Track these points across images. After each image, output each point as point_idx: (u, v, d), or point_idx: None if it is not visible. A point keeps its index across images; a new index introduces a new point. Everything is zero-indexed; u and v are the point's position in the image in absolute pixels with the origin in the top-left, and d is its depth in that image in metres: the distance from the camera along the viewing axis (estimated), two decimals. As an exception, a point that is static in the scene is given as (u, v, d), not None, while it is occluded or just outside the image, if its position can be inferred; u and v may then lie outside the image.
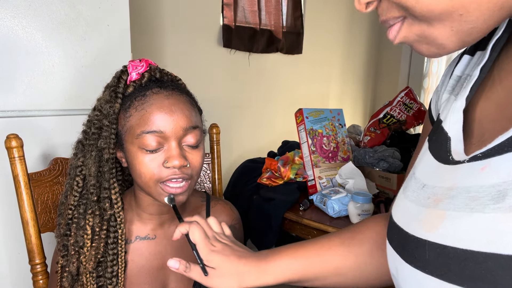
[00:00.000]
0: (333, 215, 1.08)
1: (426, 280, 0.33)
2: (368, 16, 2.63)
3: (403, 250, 0.38)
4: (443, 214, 0.32)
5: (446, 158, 0.37)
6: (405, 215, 0.40)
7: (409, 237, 0.37)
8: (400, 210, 0.42)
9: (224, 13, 1.99)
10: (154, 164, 0.66)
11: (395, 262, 0.40)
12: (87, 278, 0.71)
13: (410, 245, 0.36)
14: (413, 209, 0.38)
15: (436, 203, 0.34)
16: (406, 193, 0.42)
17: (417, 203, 0.38)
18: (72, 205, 0.73)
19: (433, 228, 0.33)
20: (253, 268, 0.56)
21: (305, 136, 1.21)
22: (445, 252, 0.31)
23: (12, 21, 1.02)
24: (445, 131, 0.39)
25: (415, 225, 0.36)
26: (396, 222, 0.41)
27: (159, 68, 0.73)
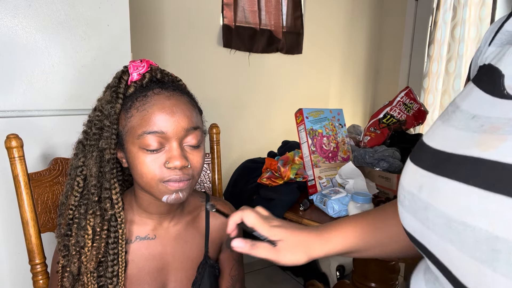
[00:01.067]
0: (333, 215, 1.08)
1: (465, 190, 0.33)
2: (368, 16, 2.63)
3: (438, 167, 0.37)
4: (504, 138, 0.32)
5: (501, 93, 0.37)
6: (448, 140, 0.39)
7: (454, 156, 0.36)
8: (439, 136, 0.41)
9: (224, 13, 1.99)
10: (155, 165, 0.66)
11: (421, 180, 0.39)
12: (88, 278, 0.71)
13: (452, 162, 0.36)
14: (461, 135, 0.37)
15: (494, 130, 0.34)
16: (450, 122, 0.41)
17: (468, 130, 0.37)
18: (72, 205, 0.73)
19: (491, 148, 0.32)
20: (316, 238, 0.58)
21: (305, 136, 1.21)
22: (502, 168, 0.30)
23: (12, 21, 1.02)
24: (499, 70, 0.39)
25: (465, 146, 0.35)
26: (431, 146, 0.41)
27: (160, 69, 0.73)
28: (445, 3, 2.18)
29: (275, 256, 0.57)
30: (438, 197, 0.36)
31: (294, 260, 0.57)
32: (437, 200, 0.36)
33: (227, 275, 0.88)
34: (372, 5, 2.63)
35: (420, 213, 0.38)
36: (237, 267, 0.89)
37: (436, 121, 0.45)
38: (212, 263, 0.83)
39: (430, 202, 0.37)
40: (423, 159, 0.41)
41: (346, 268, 2.14)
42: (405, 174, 0.44)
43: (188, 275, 0.80)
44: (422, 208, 0.38)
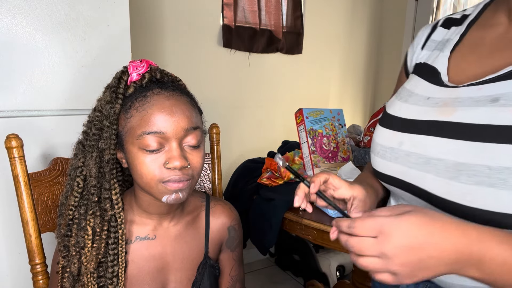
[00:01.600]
0: (333, 215, 1.08)
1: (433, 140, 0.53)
2: (368, 17, 2.63)
3: (410, 129, 0.57)
4: (454, 109, 0.53)
5: (442, 83, 0.59)
6: (411, 112, 0.59)
7: (421, 121, 0.56)
8: (405, 110, 0.60)
9: (224, 13, 1.99)
10: (155, 165, 0.66)
11: (401, 138, 0.59)
12: (88, 278, 0.71)
13: (420, 125, 0.56)
14: (420, 110, 0.58)
15: (445, 105, 0.54)
16: (410, 101, 0.61)
17: (427, 106, 0.57)
18: (72, 205, 0.73)
19: (448, 115, 0.53)
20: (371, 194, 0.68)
21: (305, 136, 1.21)
22: (458, 125, 0.51)
23: (12, 21, 1.02)
24: (435, 68, 0.62)
25: (431, 115, 0.55)
26: (400, 116, 0.60)
27: (159, 69, 0.73)
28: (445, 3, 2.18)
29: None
30: (419, 147, 0.55)
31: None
32: (418, 149, 0.56)
33: (227, 275, 0.88)
34: (372, 5, 2.63)
35: (401, 159, 0.58)
36: (237, 267, 0.89)
37: (395, 100, 0.65)
38: (212, 263, 0.83)
39: (412, 151, 0.56)
40: (396, 125, 0.61)
41: (346, 268, 2.14)
42: (380, 135, 0.64)
43: (188, 275, 0.80)
44: (404, 155, 0.57)
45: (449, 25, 0.67)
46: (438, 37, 0.68)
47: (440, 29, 0.68)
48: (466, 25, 0.63)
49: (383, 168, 0.62)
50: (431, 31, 0.70)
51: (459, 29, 0.64)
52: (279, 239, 2.31)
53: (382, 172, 0.63)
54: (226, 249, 0.87)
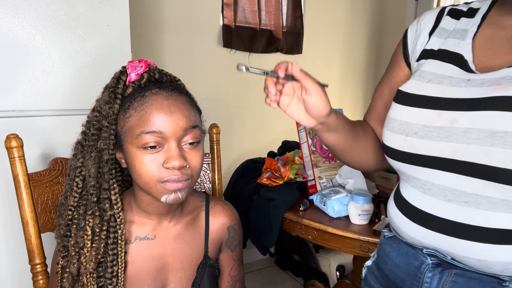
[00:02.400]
0: (333, 215, 1.08)
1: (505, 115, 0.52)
2: (368, 16, 2.63)
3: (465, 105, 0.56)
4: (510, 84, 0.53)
5: (470, 70, 0.59)
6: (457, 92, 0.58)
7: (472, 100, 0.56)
8: (441, 90, 0.60)
9: (224, 13, 1.99)
10: (154, 165, 0.66)
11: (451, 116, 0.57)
12: (87, 278, 0.71)
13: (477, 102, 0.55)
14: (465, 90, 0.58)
15: (496, 83, 0.55)
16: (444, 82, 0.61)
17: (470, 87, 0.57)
18: (72, 206, 0.73)
19: (505, 90, 0.53)
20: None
21: (305, 136, 1.21)
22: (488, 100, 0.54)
23: (12, 21, 1.02)
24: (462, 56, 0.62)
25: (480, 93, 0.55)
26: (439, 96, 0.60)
27: (158, 69, 0.73)
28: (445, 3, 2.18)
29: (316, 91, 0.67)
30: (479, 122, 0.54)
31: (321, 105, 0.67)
32: (479, 124, 0.54)
33: (227, 275, 0.88)
34: (372, 5, 2.63)
35: (456, 136, 0.56)
36: (237, 267, 0.89)
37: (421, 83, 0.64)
38: (211, 263, 0.83)
39: (471, 127, 0.55)
40: (441, 105, 0.60)
41: (346, 268, 2.14)
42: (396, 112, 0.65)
43: (188, 275, 0.80)
44: (460, 133, 0.56)
45: (457, 16, 0.67)
46: (448, 26, 0.67)
47: (448, 18, 0.68)
48: (480, 18, 0.64)
49: (425, 149, 0.60)
50: (438, 18, 0.70)
51: (473, 21, 0.64)
52: (279, 239, 2.30)
53: (421, 154, 0.60)
54: (226, 249, 0.87)
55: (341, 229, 1.01)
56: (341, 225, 1.03)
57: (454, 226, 0.58)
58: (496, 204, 0.54)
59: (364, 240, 0.98)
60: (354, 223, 1.04)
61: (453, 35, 0.65)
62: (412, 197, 0.64)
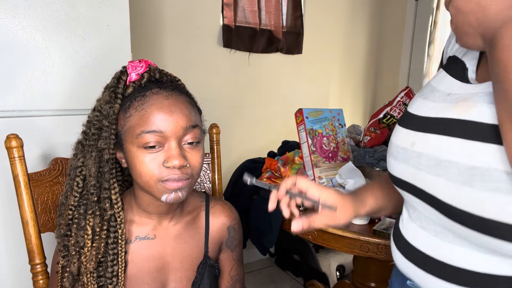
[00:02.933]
0: (333, 215, 1.08)
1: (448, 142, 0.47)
2: (368, 16, 2.63)
3: (425, 129, 0.52)
4: (473, 105, 0.47)
5: (466, 80, 0.52)
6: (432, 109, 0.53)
7: (436, 119, 0.51)
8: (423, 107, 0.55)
9: (224, 13, 1.99)
10: (154, 164, 0.66)
11: (413, 138, 0.54)
12: (87, 278, 0.71)
13: (435, 123, 0.50)
14: (438, 106, 0.52)
15: (464, 101, 0.48)
16: (430, 98, 0.55)
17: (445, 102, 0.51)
18: (72, 205, 0.73)
19: (464, 111, 0.47)
20: (356, 200, 0.68)
21: (305, 136, 1.21)
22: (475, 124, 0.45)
23: (12, 21, 1.02)
24: (464, 64, 0.54)
25: (446, 111, 0.50)
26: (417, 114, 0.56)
27: (158, 69, 0.73)
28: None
29: (332, 220, 0.64)
30: (428, 147, 0.50)
31: (347, 219, 0.65)
32: (429, 149, 0.50)
33: (227, 275, 0.88)
34: (372, 5, 2.63)
35: (413, 160, 0.53)
36: (237, 267, 0.89)
37: (417, 98, 0.59)
38: (211, 263, 0.83)
39: (423, 152, 0.51)
40: (412, 123, 0.55)
41: (346, 268, 2.14)
42: (397, 135, 0.59)
43: (188, 275, 0.80)
44: (415, 157, 0.52)
45: None
46: None
47: None
48: None
49: (395, 170, 0.58)
50: None
51: None
52: (279, 239, 2.30)
53: (393, 175, 0.59)
54: (226, 249, 0.87)
55: (341, 229, 1.01)
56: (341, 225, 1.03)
57: (423, 257, 0.54)
58: (458, 239, 0.49)
59: (364, 240, 0.98)
60: (354, 223, 1.04)
61: None
62: (401, 221, 0.62)
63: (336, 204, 0.63)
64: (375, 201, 0.70)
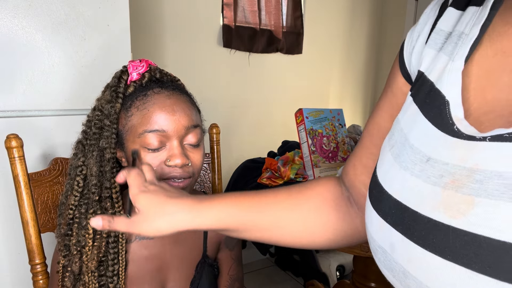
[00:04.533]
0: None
1: (446, 266, 0.30)
2: (368, 16, 2.63)
3: (408, 230, 0.34)
4: (472, 200, 0.29)
5: (450, 129, 0.33)
6: (409, 192, 0.35)
7: (421, 218, 0.33)
8: (398, 183, 0.37)
9: (224, 13, 1.99)
10: (156, 163, 0.67)
11: (391, 239, 0.36)
12: (89, 277, 0.71)
13: (421, 227, 0.32)
14: (421, 187, 0.34)
15: (457, 186, 0.30)
16: (402, 163, 0.37)
17: (427, 181, 0.33)
18: (73, 205, 0.73)
19: (459, 214, 0.29)
20: (186, 208, 0.51)
21: (305, 136, 1.21)
22: (477, 241, 0.27)
23: (12, 21, 1.02)
24: (442, 94, 0.35)
25: (431, 207, 0.32)
26: (392, 196, 0.37)
27: (159, 69, 0.73)
28: (445, 3, 2.18)
29: (132, 227, 0.51)
30: (417, 268, 0.33)
31: (152, 230, 0.51)
32: (416, 272, 0.33)
33: (226, 274, 0.88)
34: (372, 5, 2.63)
35: (399, 276, 0.36)
36: (236, 266, 0.89)
37: (386, 152, 0.41)
38: (210, 262, 0.83)
39: (409, 271, 0.34)
40: (387, 211, 0.37)
41: (346, 268, 2.14)
42: (371, 223, 0.40)
43: (187, 274, 0.80)
44: (400, 272, 0.35)
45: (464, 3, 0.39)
46: (446, 25, 0.40)
47: (451, 10, 0.40)
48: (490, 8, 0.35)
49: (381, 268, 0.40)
50: (440, 11, 0.42)
51: (478, 14, 0.36)
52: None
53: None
54: (224, 248, 0.87)
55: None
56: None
57: None
58: None
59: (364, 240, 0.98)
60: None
61: (448, 45, 0.38)
62: None
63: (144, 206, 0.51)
64: (238, 212, 0.52)
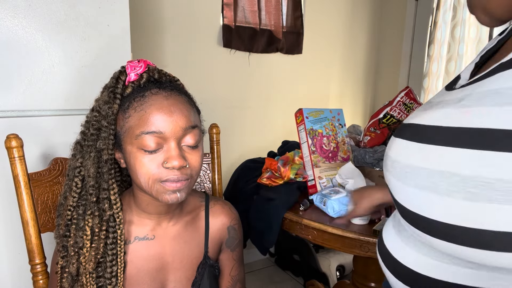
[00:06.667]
0: (333, 215, 1.08)
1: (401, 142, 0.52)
2: (368, 16, 2.63)
3: (397, 133, 0.55)
4: (427, 112, 0.50)
5: (450, 88, 0.53)
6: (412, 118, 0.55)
7: (405, 125, 0.54)
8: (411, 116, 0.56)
9: (224, 13, 1.99)
10: (154, 165, 0.66)
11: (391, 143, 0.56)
12: (87, 278, 0.71)
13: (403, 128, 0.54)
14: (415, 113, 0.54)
15: (428, 108, 0.51)
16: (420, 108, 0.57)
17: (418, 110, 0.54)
18: (71, 206, 0.73)
19: (418, 117, 0.51)
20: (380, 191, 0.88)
21: (305, 136, 1.21)
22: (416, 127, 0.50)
23: (12, 21, 1.02)
24: (459, 75, 0.55)
25: (411, 118, 0.54)
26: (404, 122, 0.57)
27: (157, 69, 0.73)
28: (445, 3, 2.18)
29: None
30: (391, 149, 0.55)
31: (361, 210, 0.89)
32: (390, 151, 0.55)
33: (227, 275, 0.88)
34: (372, 5, 2.63)
35: (387, 166, 0.55)
36: (237, 267, 0.89)
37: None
38: (211, 263, 0.83)
39: (388, 153, 0.56)
40: (397, 131, 0.57)
41: (346, 268, 2.14)
42: (389, 145, 0.60)
43: (188, 275, 0.80)
44: (389, 163, 0.54)
45: None
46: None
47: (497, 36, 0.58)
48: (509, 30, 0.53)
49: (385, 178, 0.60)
50: None
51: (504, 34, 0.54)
52: (279, 239, 2.30)
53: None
54: (226, 249, 0.87)
55: (341, 229, 1.01)
56: (341, 225, 1.03)
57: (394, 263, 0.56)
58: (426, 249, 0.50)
59: (364, 240, 0.98)
60: (354, 223, 1.04)
61: None
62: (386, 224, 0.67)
63: None
64: None
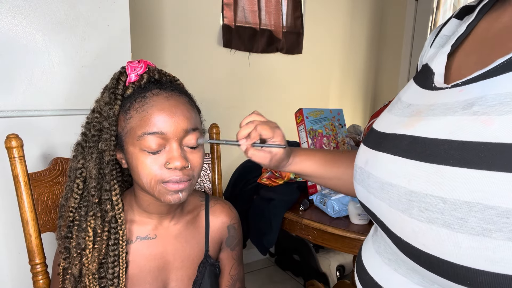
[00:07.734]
0: (333, 215, 1.08)
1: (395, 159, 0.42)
2: (368, 16, 2.63)
3: (379, 145, 0.47)
4: (421, 119, 0.42)
5: (430, 86, 0.46)
6: (387, 123, 0.49)
7: (388, 135, 0.46)
8: (383, 122, 0.51)
9: (224, 13, 1.99)
10: (156, 166, 0.66)
11: (366, 156, 0.49)
12: (89, 279, 0.71)
13: (387, 141, 0.46)
14: (396, 119, 0.47)
15: (417, 114, 0.44)
16: (392, 111, 0.51)
17: (401, 116, 0.47)
18: (73, 207, 0.73)
19: (410, 126, 0.43)
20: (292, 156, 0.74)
21: (305, 136, 1.21)
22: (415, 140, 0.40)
23: (12, 21, 1.02)
24: (431, 69, 0.48)
25: (397, 127, 0.45)
26: (377, 129, 0.51)
27: (157, 69, 0.73)
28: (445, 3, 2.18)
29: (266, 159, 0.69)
30: (376, 167, 0.46)
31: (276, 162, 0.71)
32: (375, 169, 0.46)
33: (227, 274, 0.88)
34: (372, 5, 2.63)
35: (365, 181, 0.48)
36: (237, 266, 0.89)
37: (384, 111, 0.55)
38: (212, 262, 0.83)
39: (371, 172, 0.47)
40: (370, 140, 0.51)
41: (346, 268, 2.14)
42: (357, 154, 0.54)
43: (189, 274, 0.80)
44: (366, 177, 0.48)
45: (464, 14, 0.53)
46: (448, 31, 0.54)
47: (453, 20, 0.54)
48: (476, 13, 0.48)
49: (356, 191, 0.53)
50: (444, 24, 0.56)
51: (469, 19, 0.49)
52: (279, 239, 2.31)
53: (357, 197, 0.54)
54: (226, 248, 0.87)
55: (341, 229, 1.01)
56: (341, 225, 1.03)
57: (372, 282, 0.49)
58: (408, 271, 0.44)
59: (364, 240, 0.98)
60: (354, 223, 1.04)
61: (446, 43, 0.51)
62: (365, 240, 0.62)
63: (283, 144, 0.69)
64: (312, 167, 0.73)
